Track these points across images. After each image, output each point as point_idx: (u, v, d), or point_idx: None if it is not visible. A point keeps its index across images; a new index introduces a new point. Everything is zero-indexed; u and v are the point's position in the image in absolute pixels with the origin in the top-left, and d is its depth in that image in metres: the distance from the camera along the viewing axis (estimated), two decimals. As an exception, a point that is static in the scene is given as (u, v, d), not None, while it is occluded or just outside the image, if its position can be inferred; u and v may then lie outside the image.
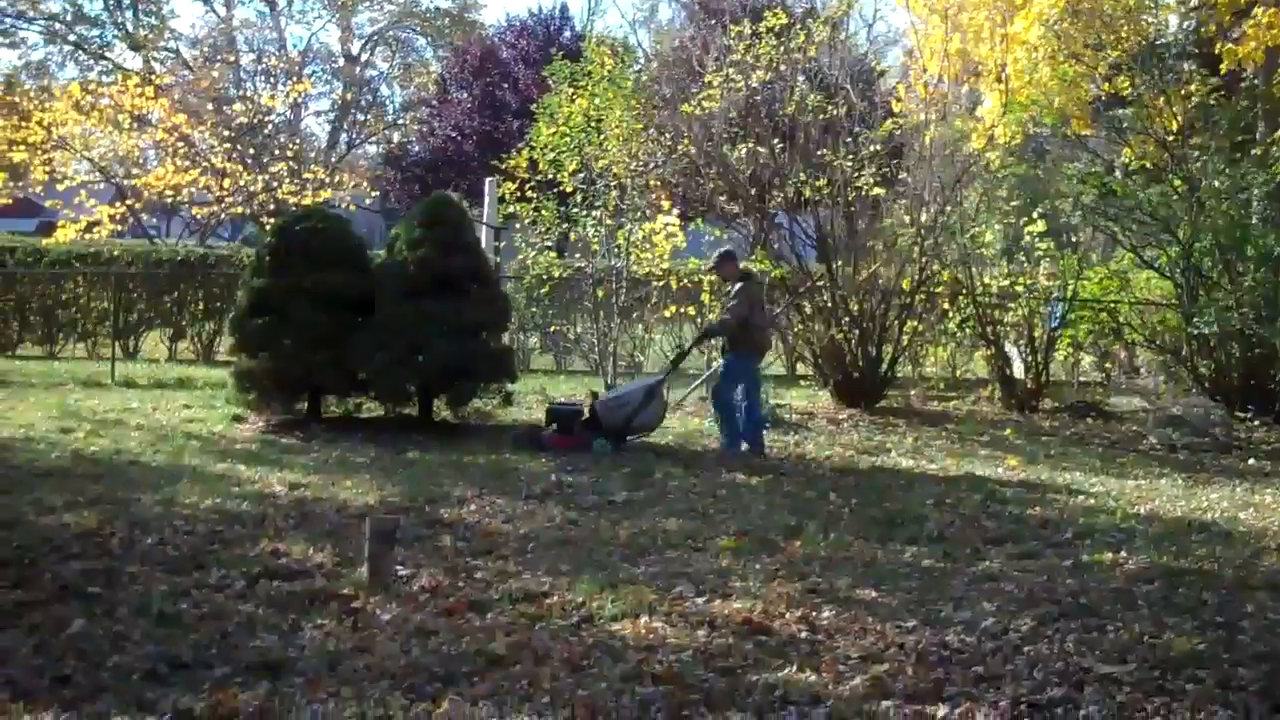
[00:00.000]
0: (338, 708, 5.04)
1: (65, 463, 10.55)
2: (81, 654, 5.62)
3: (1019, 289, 16.33)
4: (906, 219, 15.86)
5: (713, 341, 14.33)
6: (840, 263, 15.75)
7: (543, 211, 16.66)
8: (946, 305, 16.83)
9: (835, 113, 15.57)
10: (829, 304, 15.66)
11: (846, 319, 15.48)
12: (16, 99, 27.99)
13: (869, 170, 15.44)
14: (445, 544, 7.98)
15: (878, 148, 15.57)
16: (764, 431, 12.49)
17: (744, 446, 12.02)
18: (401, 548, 7.49)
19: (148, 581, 6.85)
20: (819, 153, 15.47)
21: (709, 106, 15.74)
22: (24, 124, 25.21)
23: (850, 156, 15.41)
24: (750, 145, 15.72)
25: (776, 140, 15.73)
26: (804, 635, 6.14)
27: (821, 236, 15.96)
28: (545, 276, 18.06)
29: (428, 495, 9.43)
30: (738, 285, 12.38)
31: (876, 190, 15.57)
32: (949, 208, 15.62)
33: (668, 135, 16.19)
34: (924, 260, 15.51)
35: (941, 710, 5.16)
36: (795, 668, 5.63)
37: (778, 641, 6.04)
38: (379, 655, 5.70)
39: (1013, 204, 16.49)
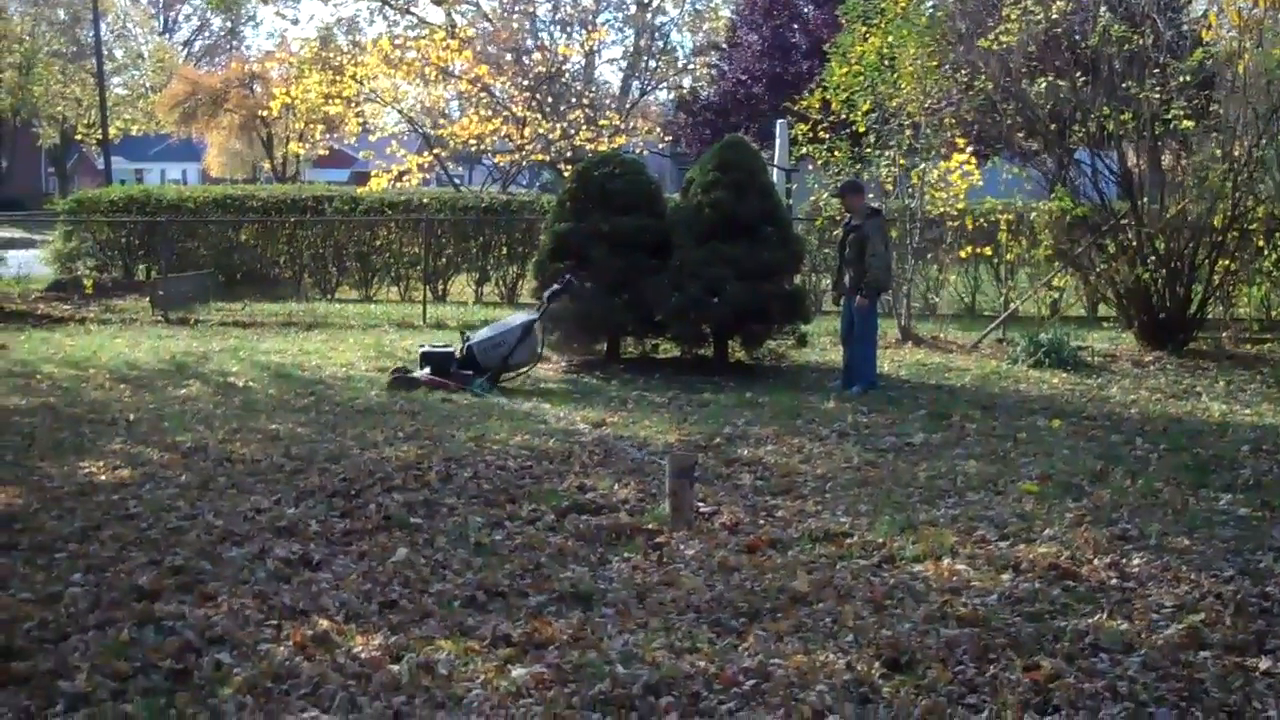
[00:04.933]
0: (647, 638, 5.23)
1: (383, 399, 11.17)
2: (406, 581, 5.99)
3: (1343, 224, 15.35)
4: (1218, 153, 15.08)
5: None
6: (1146, 200, 15.16)
7: (835, 152, 16.56)
8: (1261, 243, 15.96)
9: (1141, 43, 14.90)
10: (1134, 243, 15.08)
11: (1153, 258, 14.88)
12: (330, 54, 29.28)
13: (1178, 102, 14.74)
14: (744, 482, 8.13)
15: (1187, 78, 14.83)
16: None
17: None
18: (701, 485, 7.67)
19: (464, 513, 7.24)
20: (1123, 85, 14.84)
21: (1006, 40, 15.28)
22: (338, 78, 26.42)
23: (1158, 88, 14.73)
24: (1050, 79, 15.19)
25: (1078, 73, 15.16)
26: (1114, 582, 6.02)
27: (1126, 172, 15.38)
28: (838, 218, 17.93)
29: (725, 434, 9.59)
30: (870, 221, 12.20)
31: (1186, 123, 14.85)
32: (1264, 140, 14.77)
33: (963, 72, 15.81)
34: (1237, 196, 14.73)
35: (1264, 663, 4.99)
36: (1106, 615, 5.53)
37: (1086, 588, 5.94)
38: (684, 589, 5.88)
39: (1335, 134, 15.47)
